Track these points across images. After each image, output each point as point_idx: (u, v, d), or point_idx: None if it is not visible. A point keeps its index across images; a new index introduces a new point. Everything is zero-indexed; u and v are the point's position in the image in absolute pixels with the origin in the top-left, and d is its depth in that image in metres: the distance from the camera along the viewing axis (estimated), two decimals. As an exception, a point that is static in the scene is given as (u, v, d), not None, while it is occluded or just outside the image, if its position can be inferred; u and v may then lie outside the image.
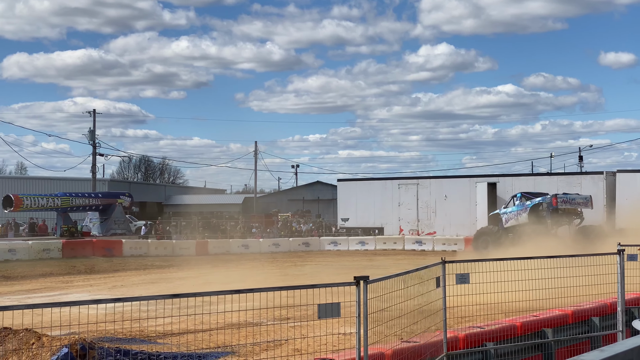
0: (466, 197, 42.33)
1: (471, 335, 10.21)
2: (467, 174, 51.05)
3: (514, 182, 43.06)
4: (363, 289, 7.83)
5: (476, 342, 10.23)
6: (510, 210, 36.58)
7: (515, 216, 36.17)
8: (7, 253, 34.46)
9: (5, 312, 6.31)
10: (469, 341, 10.13)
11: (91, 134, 57.89)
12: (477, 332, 10.35)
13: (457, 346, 9.98)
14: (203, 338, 10.94)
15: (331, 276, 24.85)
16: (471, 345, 10.15)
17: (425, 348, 9.27)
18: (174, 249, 39.63)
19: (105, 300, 6.78)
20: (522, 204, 36.10)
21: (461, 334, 10.15)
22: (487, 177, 44.24)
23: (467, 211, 40.77)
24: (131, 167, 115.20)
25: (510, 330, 10.61)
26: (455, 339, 10.00)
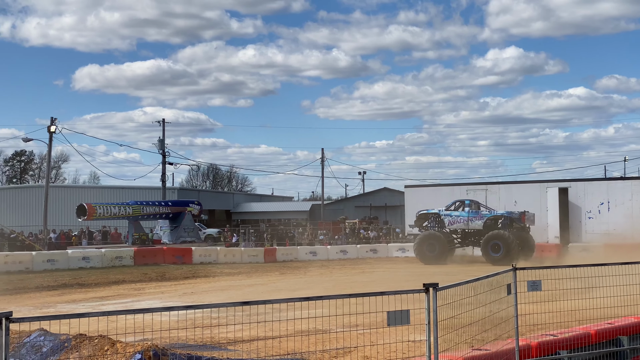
0: (537, 202, 41.64)
1: (544, 343, 10.03)
2: (538, 179, 50.22)
3: (586, 187, 42.21)
4: (432, 296, 7.77)
5: (549, 351, 10.04)
6: (458, 215, 37.54)
7: (464, 221, 37.56)
8: (82, 261, 35.26)
9: (81, 319, 6.45)
10: (541, 349, 9.95)
11: (160, 143, 58.79)
12: (550, 340, 10.16)
13: (529, 354, 9.82)
14: (273, 345, 10.99)
15: (400, 283, 24.73)
16: (544, 354, 9.97)
17: (497, 356, 9.15)
18: (243, 257, 39.97)
19: (177, 308, 6.88)
20: (476, 211, 37.76)
21: (534, 342, 9.98)
22: (558, 182, 43.47)
23: (538, 217, 40.06)
24: (200, 176, 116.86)
25: (584, 338, 10.38)
26: (527, 347, 9.84)
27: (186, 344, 11.43)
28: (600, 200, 41.29)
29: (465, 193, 43.74)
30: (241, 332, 10.16)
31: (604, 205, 41.19)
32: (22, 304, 20.63)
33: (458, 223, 37.71)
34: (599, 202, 41.32)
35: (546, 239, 40.97)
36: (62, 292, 24.63)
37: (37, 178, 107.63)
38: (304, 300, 7.74)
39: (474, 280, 8.90)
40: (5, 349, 5.59)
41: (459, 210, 37.88)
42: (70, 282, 27.67)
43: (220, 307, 7.36)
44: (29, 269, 32.95)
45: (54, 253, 36.89)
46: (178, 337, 12.09)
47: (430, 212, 38.57)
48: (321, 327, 11.36)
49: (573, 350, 10.22)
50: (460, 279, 8.96)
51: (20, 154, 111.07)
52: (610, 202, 41.07)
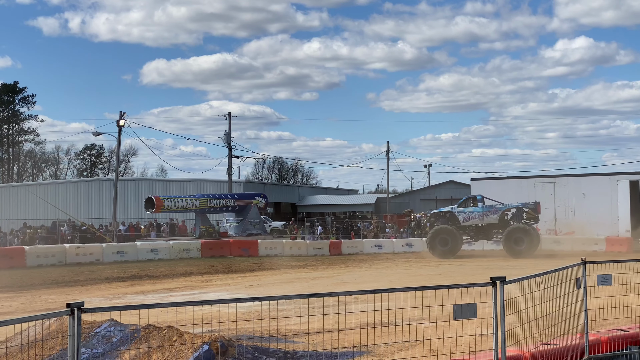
0: (607, 195, 40.79)
1: (614, 338, 9.84)
2: (608, 172, 49.17)
3: (658, 179, 41.19)
4: (500, 289, 7.69)
5: (620, 346, 9.84)
6: (472, 211, 37.31)
7: (479, 217, 37.40)
8: (150, 253, 35.88)
9: (150, 309, 6.56)
10: (612, 344, 9.76)
11: (227, 137, 59.35)
12: (620, 335, 9.95)
13: (599, 349, 9.64)
14: (338, 337, 11.01)
15: (466, 276, 24.51)
16: (614, 349, 9.78)
17: (566, 351, 9.00)
18: (308, 249, 40.13)
19: (244, 299, 6.94)
20: (490, 206, 37.55)
21: (604, 337, 9.79)
22: (629, 175, 42.48)
23: (608, 210, 39.29)
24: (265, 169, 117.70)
25: (656, 333, 10.14)
26: (597, 342, 9.65)
27: (252, 336, 11.53)
28: (673, 192, 40.22)
29: (532, 186, 43.12)
30: (307, 324, 10.20)
31: (677, 197, 40.13)
32: (93, 295, 21.09)
33: (473, 219, 37.55)
34: (671, 194, 40.26)
35: (617, 232, 40.12)
36: (131, 283, 25.10)
37: (107, 171, 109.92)
38: (370, 293, 7.73)
39: (542, 273, 8.77)
40: (78, 338, 5.71)
41: (472, 206, 37.68)
42: (139, 273, 28.18)
43: (286, 299, 7.40)
44: (99, 261, 33.68)
45: (123, 245, 37.63)
46: (244, 329, 12.21)
47: (442, 211, 38.65)
48: (386, 320, 11.34)
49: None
50: (528, 272, 8.84)
51: (90, 147, 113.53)
52: (683, 195, 39.99)
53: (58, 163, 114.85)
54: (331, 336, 10.87)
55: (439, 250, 36.25)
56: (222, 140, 59.65)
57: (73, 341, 5.69)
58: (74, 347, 5.69)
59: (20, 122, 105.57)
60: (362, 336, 10.57)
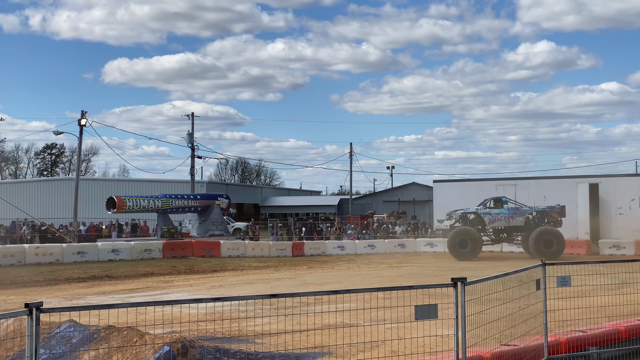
0: (567, 198, 41.32)
1: (573, 339, 9.96)
2: (568, 175, 49.80)
3: (617, 182, 41.84)
4: (461, 290, 7.74)
5: (578, 347, 9.96)
6: (499, 212, 37.13)
7: (505, 218, 37.13)
8: (111, 253, 35.55)
9: (110, 310, 6.49)
10: (570, 345, 9.88)
11: (190, 137, 59.04)
12: (579, 336, 10.08)
13: (558, 350, 9.75)
14: (300, 338, 11.00)
15: (428, 278, 24.66)
16: (573, 350, 9.90)
17: (525, 352, 9.09)
18: (271, 250, 40.05)
19: (205, 300, 6.90)
20: (517, 209, 37.47)
21: (562, 338, 9.91)
22: (589, 178, 43.09)
23: (568, 213, 39.79)
24: (228, 169, 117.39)
25: (614, 334, 10.28)
26: (556, 343, 9.77)
27: (214, 337, 11.48)
28: (632, 196, 40.88)
29: (494, 188, 43.49)
30: (269, 325, 10.19)
31: (635, 201, 40.78)
32: (53, 295, 20.84)
33: (499, 221, 37.12)
34: (629, 198, 40.92)
35: (576, 234, 40.66)
36: (92, 284, 24.85)
37: (68, 171, 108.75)
38: (332, 294, 7.73)
39: (502, 275, 8.85)
40: (36, 338, 5.64)
41: (498, 208, 37.32)
42: (100, 274, 27.90)
43: (248, 300, 7.37)
44: (59, 261, 33.29)
45: (84, 245, 37.23)
46: (206, 330, 12.15)
47: (468, 212, 37.83)
48: (348, 321, 11.35)
49: (603, 347, 10.12)
50: (489, 274, 8.91)
51: (51, 147, 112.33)
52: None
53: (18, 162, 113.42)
54: (293, 337, 10.86)
55: (458, 252, 35.72)
56: (185, 141, 59.31)
57: (31, 342, 5.62)
58: (32, 348, 5.61)
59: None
60: (324, 337, 10.58)
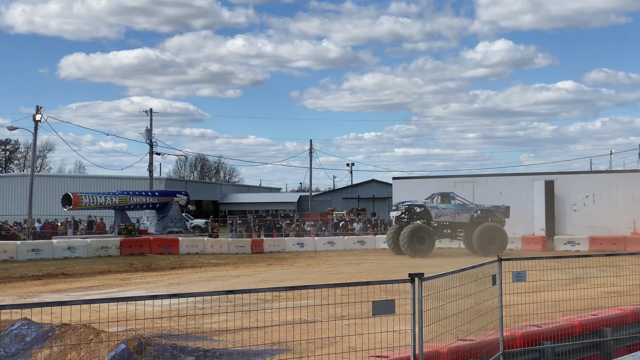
0: (523, 195, 41.86)
1: (528, 334, 10.07)
2: (525, 172, 50.40)
3: (572, 180, 42.43)
4: (418, 286, 7.77)
5: (533, 341, 10.08)
6: (445, 207, 37.10)
7: (451, 214, 37.10)
8: (67, 250, 35.09)
9: (64, 308, 6.41)
10: (525, 340, 9.99)
11: (148, 133, 58.61)
12: (534, 331, 10.20)
13: (513, 345, 9.85)
14: (258, 335, 10.97)
15: (387, 274, 24.77)
16: (528, 344, 10.01)
17: (481, 346, 9.17)
18: (230, 247, 39.90)
19: (161, 296, 6.84)
20: (463, 205, 37.41)
21: (518, 333, 10.02)
22: (544, 175, 43.66)
23: (524, 209, 40.27)
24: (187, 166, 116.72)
25: (568, 329, 10.42)
26: (511, 338, 9.87)
27: (171, 334, 11.40)
28: (586, 193, 41.52)
29: (452, 185, 43.88)
30: (226, 323, 10.14)
31: (590, 198, 41.43)
32: (6, 293, 20.53)
33: (445, 216, 37.04)
34: (584, 195, 41.56)
35: (532, 231, 41.18)
36: (47, 281, 24.51)
37: (23, 167, 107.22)
38: (290, 290, 7.72)
39: (459, 270, 8.91)
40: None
41: (445, 203, 37.40)
42: (55, 271, 27.53)
43: (205, 297, 7.33)
44: (13, 259, 32.79)
45: (38, 242, 36.70)
46: (162, 327, 12.06)
47: (416, 204, 37.66)
48: (307, 318, 11.35)
49: (557, 341, 10.26)
50: (448, 269, 8.97)
51: (5, 142, 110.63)
52: (595, 195, 41.32)
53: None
54: (250, 334, 10.84)
55: (416, 248, 34.95)
56: (143, 137, 58.89)
57: (-18, 340, 5.52)
58: (-17, 346, 5.51)
59: None
60: (282, 334, 10.56)
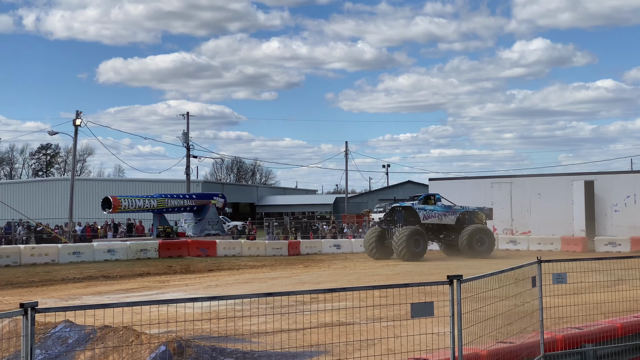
0: (562, 195, 41.39)
1: (569, 336, 9.97)
2: (563, 172, 49.87)
3: (612, 180, 41.87)
4: (457, 288, 7.74)
5: (574, 344, 9.97)
6: (432, 209, 36.29)
7: (438, 215, 36.27)
8: (107, 253, 35.47)
9: (106, 310, 6.47)
10: (567, 342, 9.89)
11: (185, 137, 59.00)
12: (575, 333, 10.09)
13: (554, 347, 9.76)
14: (296, 337, 10.99)
15: (424, 276, 24.64)
16: (569, 347, 9.91)
17: (522, 349, 9.10)
18: (266, 249, 40.03)
19: (201, 299, 6.88)
20: (449, 206, 36.71)
21: (559, 335, 9.92)
22: (584, 175, 43.14)
23: (563, 210, 39.83)
24: (224, 169, 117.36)
25: (610, 331, 10.30)
26: (552, 340, 9.77)
27: (210, 336, 11.47)
28: (627, 193, 40.93)
29: (489, 186, 43.55)
30: (265, 325, 10.17)
31: (630, 198, 40.84)
32: (48, 296, 20.80)
33: (432, 217, 35.99)
34: (625, 195, 40.98)
35: (572, 232, 40.71)
36: (88, 284, 24.79)
37: (63, 171, 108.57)
38: (327, 292, 7.73)
39: (498, 272, 8.85)
40: (31, 339, 5.62)
41: (432, 205, 36.44)
42: (96, 274, 27.84)
43: (244, 299, 7.37)
44: (55, 261, 33.22)
45: (79, 245, 37.16)
46: (202, 329, 12.14)
47: (402, 205, 36.35)
48: (345, 320, 11.35)
49: (599, 344, 10.14)
50: (484, 272, 8.91)
51: (46, 147, 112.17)
52: (636, 195, 40.72)
53: (13, 163, 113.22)
54: (289, 336, 10.85)
55: (413, 252, 33.75)
56: (180, 140, 59.30)
57: (27, 342, 5.60)
58: (28, 348, 5.60)
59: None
60: (320, 336, 10.57)
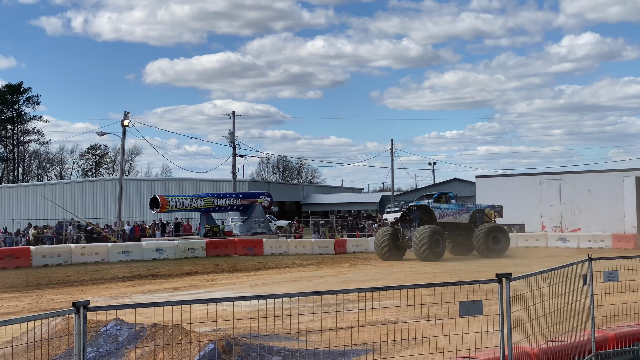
0: (613, 192, 40.71)
1: (621, 334, 9.80)
2: (614, 168, 49.06)
3: (664, 175, 41.11)
4: (505, 286, 7.66)
5: (627, 342, 9.81)
6: (447, 207, 35.47)
7: (453, 214, 35.43)
8: (155, 252, 35.87)
9: (156, 308, 6.54)
10: (619, 341, 9.73)
11: (231, 136, 59.34)
12: (627, 331, 9.92)
13: (606, 346, 9.61)
14: (344, 335, 10.99)
15: (472, 274, 24.48)
16: (621, 345, 9.74)
17: (572, 348, 8.98)
18: (313, 248, 40.09)
19: (249, 297, 6.92)
20: (462, 204, 36.07)
21: (610, 334, 9.76)
22: (635, 171, 42.36)
23: (614, 207, 39.19)
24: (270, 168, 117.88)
25: (663, 330, 10.11)
26: (604, 339, 9.63)
27: (258, 334, 11.52)
28: (680, 189, 40.15)
29: (538, 183, 43.05)
30: (312, 323, 10.19)
31: (683, 194, 40.06)
32: (99, 294, 21.10)
33: (448, 216, 35.22)
34: (678, 191, 40.20)
35: (623, 229, 40.03)
36: (137, 282, 25.11)
37: (112, 171, 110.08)
38: (375, 291, 7.71)
39: (548, 270, 8.75)
40: (83, 337, 5.71)
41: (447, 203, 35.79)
42: (145, 273, 28.17)
43: (291, 297, 7.39)
44: (104, 260, 33.70)
45: (128, 244, 37.62)
46: (250, 328, 12.20)
47: (419, 204, 35.55)
48: (392, 318, 11.31)
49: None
50: (532, 269, 8.81)
51: (94, 147, 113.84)
52: (690, 191, 39.94)
53: (63, 163, 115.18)
54: (337, 334, 10.86)
55: (434, 252, 32.86)
56: (227, 140, 59.67)
57: (79, 340, 5.69)
58: (80, 346, 5.68)
59: (25, 123, 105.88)
60: (367, 334, 10.55)
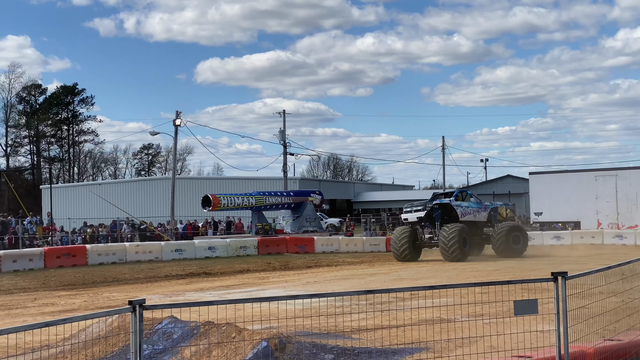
0: (670, 188, 39.92)
1: (681, 333, 9.60)
2: (671, 164, 48.02)
3: None
4: (561, 285, 7.55)
5: (687, 342, 9.60)
6: (468, 205, 34.22)
7: (473, 212, 34.14)
8: (208, 250, 36.21)
9: (210, 307, 6.60)
10: (678, 340, 9.52)
11: (281, 134, 59.54)
12: (687, 331, 9.71)
13: (665, 346, 9.41)
14: (397, 334, 10.95)
15: (526, 272, 24.18)
16: (681, 345, 9.53)
17: (630, 347, 8.81)
18: (364, 246, 40.06)
19: (301, 296, 6.94)
20: (480, 202, 34.96)
21: (670, 333, 9.56)
22: (694, 166, 41.51)
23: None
24: (320, 166, 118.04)
25: None
26: (663, 338, 9.43)
27: (310, 332, 11.54)
28: None
29: (593, 179, 42.37)
30: (365, 321, 10.17)
31: None
32: (153, 292, 21.36)
33: (469, 214, 33.88)
34: None
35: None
36: (190, 280, 25.36)
37: (164, 170, 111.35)
38: (428, 289, 7.67)
39: (605, 268, 8.60)
40: (140, 334, 5.78)
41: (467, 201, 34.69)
42: (197, 271, 28.46)
43: (344, 296, 7.39)
44: (158, 259, 34.13)
45: (181, 243, 38.05)
46: (302, 326, 12.22)
47: (440, 202, 34.03)
48: (445, 316, 11.24)
49: None
50: (589, 267, 8.67)
51: (147, 147, 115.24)
52: None
53: (117, 163, 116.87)
54: (389, 332, 10.82)
55: (463, 252, 31.55)
56: (277, 138, 59.90)
57: (135, 337, 5.76)
58: (137, 344, 5.75)
59: (80, 123, 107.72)
60: (420, 332, 10.49)
